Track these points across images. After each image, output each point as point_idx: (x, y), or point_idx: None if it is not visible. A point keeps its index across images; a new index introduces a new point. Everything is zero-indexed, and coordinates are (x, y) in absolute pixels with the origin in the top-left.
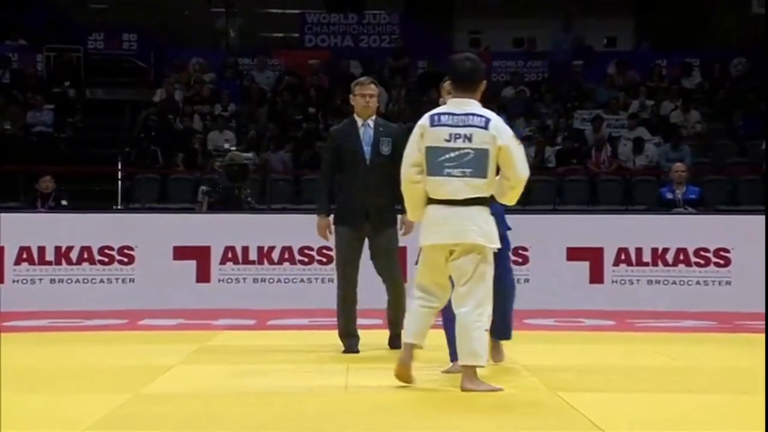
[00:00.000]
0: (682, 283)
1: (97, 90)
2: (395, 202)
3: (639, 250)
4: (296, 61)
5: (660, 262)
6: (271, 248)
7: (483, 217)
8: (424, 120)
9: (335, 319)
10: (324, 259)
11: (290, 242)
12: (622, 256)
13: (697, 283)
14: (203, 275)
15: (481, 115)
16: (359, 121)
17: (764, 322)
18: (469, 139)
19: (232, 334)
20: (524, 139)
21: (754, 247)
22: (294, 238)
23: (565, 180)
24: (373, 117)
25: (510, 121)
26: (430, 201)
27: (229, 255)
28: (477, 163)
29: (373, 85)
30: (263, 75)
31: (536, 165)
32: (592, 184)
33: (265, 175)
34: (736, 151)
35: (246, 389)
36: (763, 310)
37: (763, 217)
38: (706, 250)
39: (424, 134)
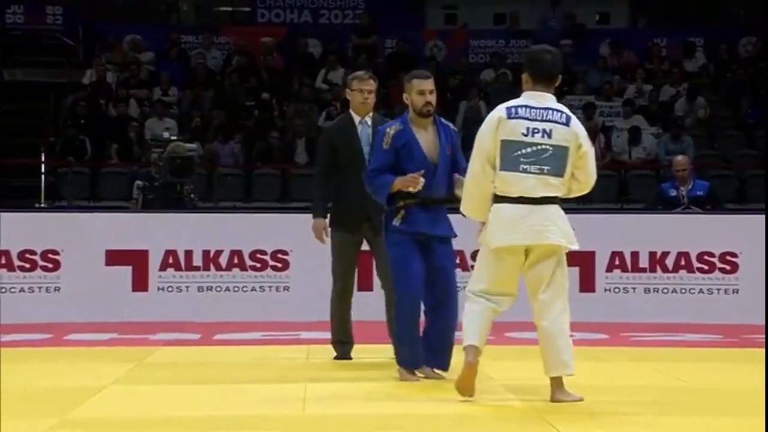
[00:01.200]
0: (683, 291)
1: (17, 71)
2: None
3: (635, 255)
4: (247, 39)
5: (659, 268)
6: (219, 252)
7: (561, 216)
8: (500, 111)
9: (291, 332)
10: (279, 265)
11: (240, 246)
12: (616, 261)
13: (701, 291)
14: (140, 283)
15: (561, 111)
16: (356, 119)
17: (765, 335)
18: (549, 134)
19: (172, 351)
20: None
21: (764, 251)
22: (245, 240)
23: None
24: (371, 114)
25: (490, 107)
26: (499, 199)
27: (170, 260)
28: (555, 160)
29: (371, 80)
30: (209, 55)
31: None
32: None
33: (212, 169)
34: (745, 142)
35: (187, 415)
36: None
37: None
38: (711, 254)
39: (499, 126)
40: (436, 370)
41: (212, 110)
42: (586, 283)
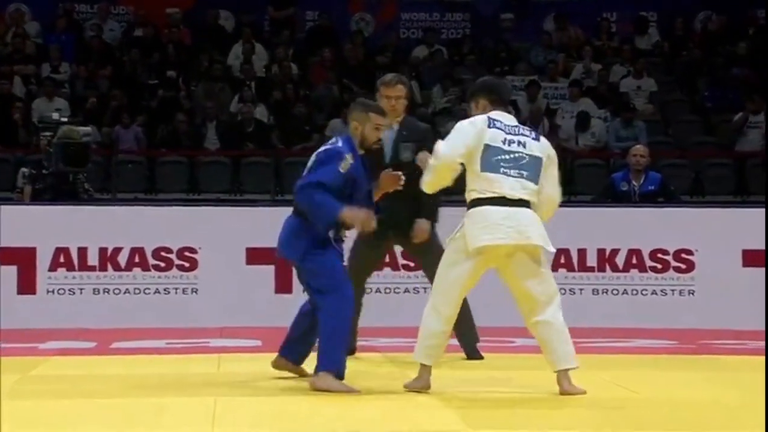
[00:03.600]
0: (634, 292)
1: None
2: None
3: (582, 252)
4: (149, 10)
5: (608, 267)
6: (117, 250)
7: (538, 220)
8: (482, 119)
9: (199, 340)
10: (186, 264)
11: (142, 242)
12: (561, 259)
13: (654, 293)
14: (26, 285)
15: (529, 129)
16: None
17: (765, 342)
18: (524, 145)
19: (64, 361)
20: (441, 112)
21: (723, 249)
22: (147, 237)
23: None
24: (400, 118)
25: (424, 89)
26: (479, 201)
27: (61, 259)
28: (531, 167)
29: (400, 85)
30: (106, 27)
31: None
32: None
33: (109, 156)
34: (701, 127)
35: None
36: (734, 327)
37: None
38: (665, 251)
39: (482, 132)
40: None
41: (110, 90)
42: None
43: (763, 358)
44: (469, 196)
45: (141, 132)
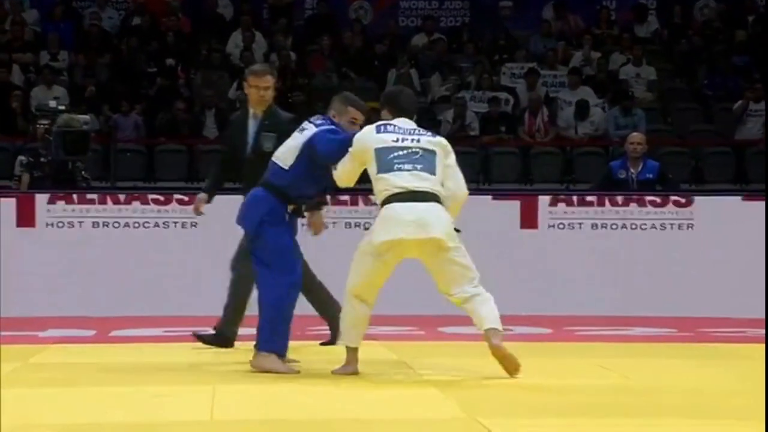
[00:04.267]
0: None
1: None
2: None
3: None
4: None
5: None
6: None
7: (443, 214)
8: (368, 130)
9: (198, 327)
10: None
11: (142, 231)
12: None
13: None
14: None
15: (428, 130)
16: (251, 111)
17: (765, 330)
18: (417, 141)
19: (63, 349)
20: (440, 100)
21: (721, 237)
22: (147, 225)
23: (491, 152)
24: (265, 108)
25: (422, 78)
26: (387, 200)
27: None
28: (426, 161)
29: (269, 76)
30: (105, 14)
31: (454, 133)
32: (525, 156)
33: (108, 144)
34: (701, 116)
35: (75, 423)
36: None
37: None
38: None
39: (366, 145)
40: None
41: (109, 78)
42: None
43: (761, 345)
44: (378, 197)
45: (140, 120)
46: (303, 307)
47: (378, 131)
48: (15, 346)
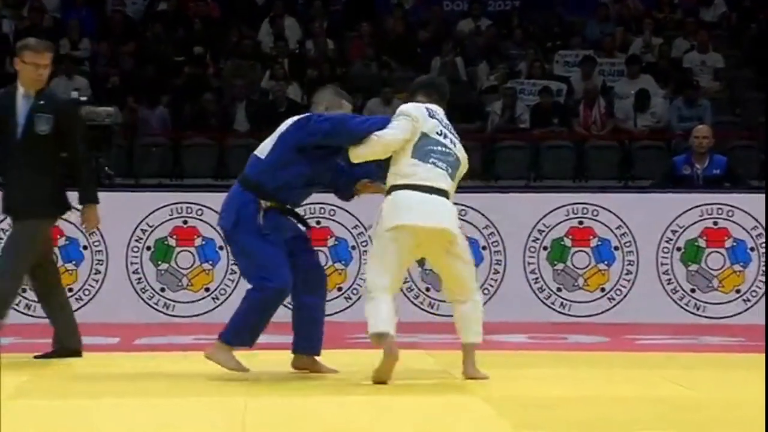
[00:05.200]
0: (696, 288)
1: None
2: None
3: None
4: None
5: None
6: (141, 239)
7: (453, 208)
8: (419, 108)
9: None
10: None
11: (167, 231)
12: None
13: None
14: None
15: (455, 132)
16: (21, 91)
17: (765, 340)
18: (454, 144)
19: (85, 358)
20: (488, 90)
21: (765, 239)
22: (173, 224)
23: (542, 146)
24: (40, 88)
25: (469, 66)
26: (398, 187)
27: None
28: (454, 166)
29: (48, 53)
30: (128, 0)
31: (503, 126)
32: (580, 151)
33: (132, 138)
34: None
35: None
36: None
37: None
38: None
39: (423, 120)
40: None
41: (133, 68)
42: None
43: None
44: (393, 180)
45: (166, 113)
46: (342, 314)
47: (429, 114)
48: (30, 355)
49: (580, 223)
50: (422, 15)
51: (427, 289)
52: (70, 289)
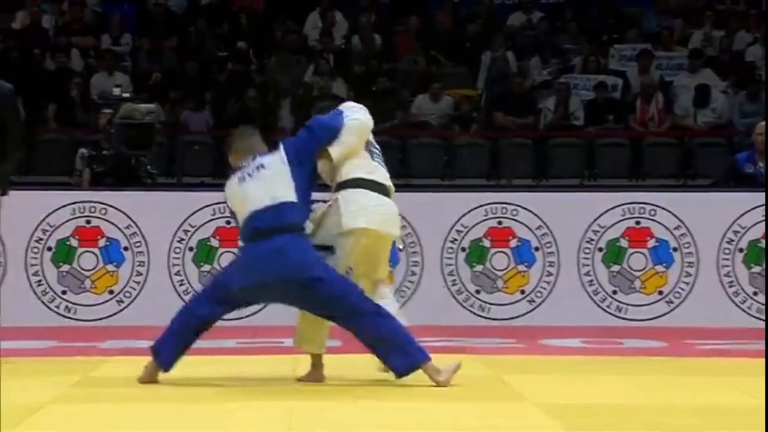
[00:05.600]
0: (759, 291)
1: None
2: None
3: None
4: None
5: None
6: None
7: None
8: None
9: (272, 339)
10: None
11: (211, 231)
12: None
13: None
14: None
15: None
16: None
17: (765, 342)
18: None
19: (126, 362)
20: (540, 86)
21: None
22: (216, 225)
23: (597, 144)
24: None
25: (520, 61)
26: (355, 182)
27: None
28: (383, 167)
29: None
30: None
31: (556, 123)
32: (636, 149)
33: (174, 137)
34: None
35: None
36: None
37: None
38: None
39: (369, 124)
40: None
41: (175, 63)
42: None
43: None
44: (347, 174)
45: (208, 110)
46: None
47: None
48: (74, 358)
49: (637, 223)
50: (472, 8)
51: (477, 292)
52: (111, 291)
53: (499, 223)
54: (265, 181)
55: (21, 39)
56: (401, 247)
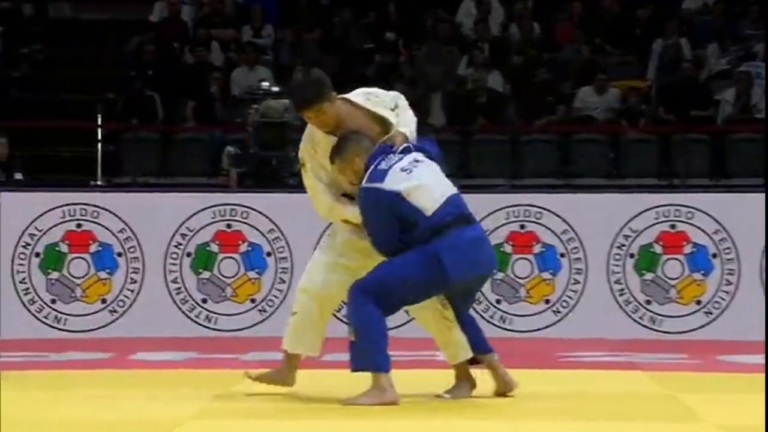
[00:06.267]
0: None
1: (65, 5)
2: None
3: None
4: None
5: None
6: None
7: None
8: None
9: (427, 351)
10: None
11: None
12: None
13: None
14: None
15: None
16: None
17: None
18: None
19: None
20: (718, 76)
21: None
22: None
23: None
24: None
25: (696, 48)
26: None
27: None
28: None
29: None
30: None
31: (736, 116)
32: None
33: None
34: None
35: None
36: None
37: None
38: None
39: None
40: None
41: (318, 56)
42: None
43: None
44: None
45: None
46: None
47: None
48: (215, 371)
49: None
50: None
51: (648, 302)
52: (253, 300)
53: (672, 227)
54: (434, 171)
55: (159, 32)
56: None
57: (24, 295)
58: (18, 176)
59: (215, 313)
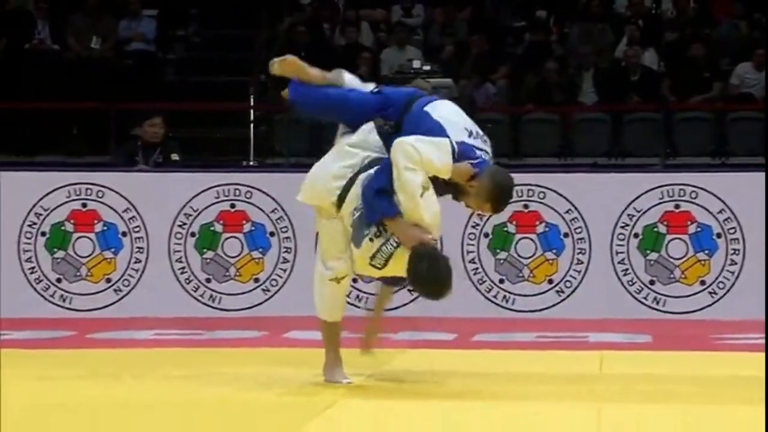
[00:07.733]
0: None
1: None
2: None
3: None
4: None
5: None
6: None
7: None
8: None
9: (575, 333)
10: None
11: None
12: None
13: None
14: None
15: None
16: None
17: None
18: None
19: (420, 354)
20: None
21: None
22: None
23: None
24: None
25: None
26: None
27: None
28: None
29: None
30: None
31: None
32: None
33: (471, 114)
34: None
35: None
36: None
37: None
38: None
39: None
40: None
41: (467, 35)
42: None
43: None
44: None
45: (504, 84)
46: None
47: None
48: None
49: None
50: None
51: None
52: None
53: None
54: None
55: (310, 14)
56: None
57: (180, 274)
58: (175, 157)
59: (366, 292)
